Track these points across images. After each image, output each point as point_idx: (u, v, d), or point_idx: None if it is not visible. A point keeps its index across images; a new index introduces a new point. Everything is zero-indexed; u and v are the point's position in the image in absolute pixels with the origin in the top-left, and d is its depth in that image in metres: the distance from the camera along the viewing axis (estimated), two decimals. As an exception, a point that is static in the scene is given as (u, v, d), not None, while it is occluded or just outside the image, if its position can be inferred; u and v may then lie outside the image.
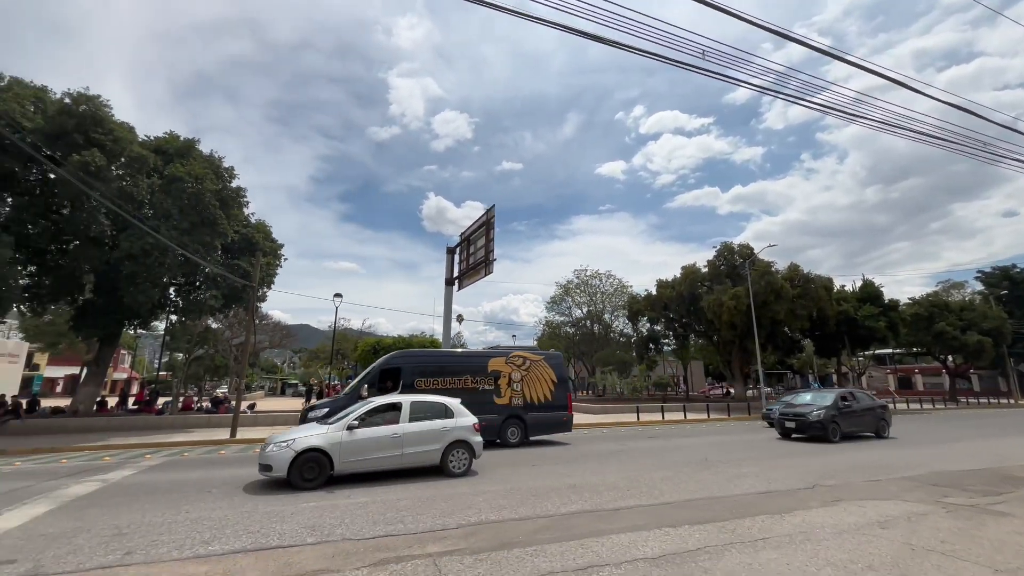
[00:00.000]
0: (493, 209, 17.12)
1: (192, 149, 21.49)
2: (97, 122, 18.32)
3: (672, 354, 44.79)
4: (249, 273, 20.15)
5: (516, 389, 13.73)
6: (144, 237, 17.52)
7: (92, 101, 18.50)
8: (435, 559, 4.56)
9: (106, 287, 19.21)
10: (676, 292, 34.30)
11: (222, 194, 20.31)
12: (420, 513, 6.22)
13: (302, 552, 4.79)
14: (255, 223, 23.26)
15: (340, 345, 43.26)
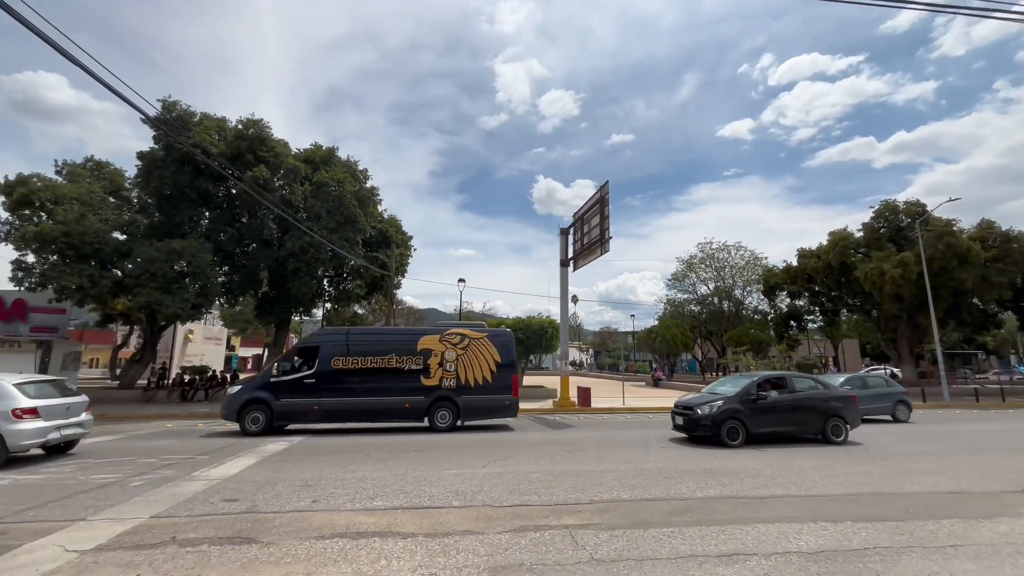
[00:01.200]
0: (607, 186, 16.63)
1: (333, 156, 24.32)
2: (262, 142, 21.61)
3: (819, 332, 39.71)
4: (386, 264, 22.42)
5: (449, 369, 12.64)
6: (302, 237, 20.38)
7: (257, 125, 21.83)
8: (571, 531, 4.71)
9: (277, 281, 22.85)
10: (822, 262, 30.13)
11: (359, 194, 22.70)
12: (552, 487, 6.45)
13: (449, 513, 5.28)
14: (388, 218, 25.68)
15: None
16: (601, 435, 11.66)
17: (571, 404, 17.90)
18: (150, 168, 20.55)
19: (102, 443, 10.05)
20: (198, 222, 22.57)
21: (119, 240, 20.00)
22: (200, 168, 20.66)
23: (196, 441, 10.43)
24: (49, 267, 17.83)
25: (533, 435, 11.51)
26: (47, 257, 17.96)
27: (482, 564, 3.93)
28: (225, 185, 22.30)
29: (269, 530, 4.71)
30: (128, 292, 19.07)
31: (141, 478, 6.85)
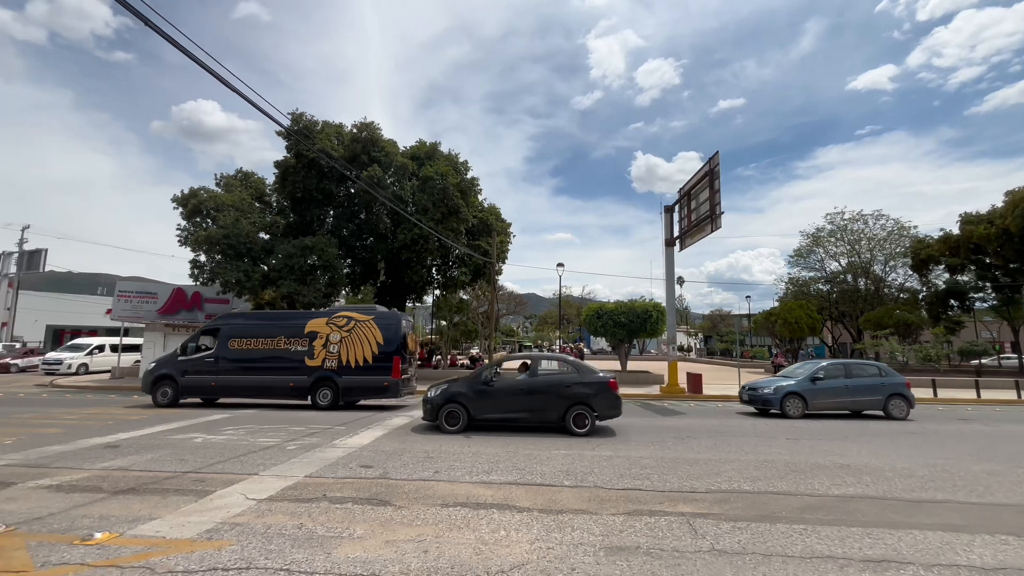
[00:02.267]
0: (717, 156, 15.38)
1: (436, 151, 25.56)
2: (374, 143, 23.41)
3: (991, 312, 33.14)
4: (488, 251, 23.21)
5: (332, 351, 13.02)
6: (412, 229, 21.84)
7: (369, 127, 23.68)
8: (688, 519, 4.56)
9: (392, 271, 24.83)
10: (996, 228, 24.98)
11: (461, 186, 23.65)
12: (665, 473, 6.28)
13: (562, 492, 5.41)
14: (488, 207, 26.47)
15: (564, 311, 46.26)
16: (716, 423, 11.03)
17: (680, 390, 17.12)
18: (285, 174, 23.39)
19: (261, 413, 11.86)
20: (324, 220, 25.27)
21: (264, 239, 23.15)
22: (324, 171, 23.04)
23: (332, 413, 11.85)
24: (216, 265, 21.28)
25: (640, 421, 11.25)
26: (214, 256, 21.43)
27: (597, 543, 3.98)
28: (345, 185, 24.62)
29: (400, 495, 5.23)
30: (273, 284, 22.05)
31: (294, 443, 7.98)
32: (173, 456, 6.97)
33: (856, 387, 12.48)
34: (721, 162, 15.35)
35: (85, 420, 10.39)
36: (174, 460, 6.72)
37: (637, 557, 3.72)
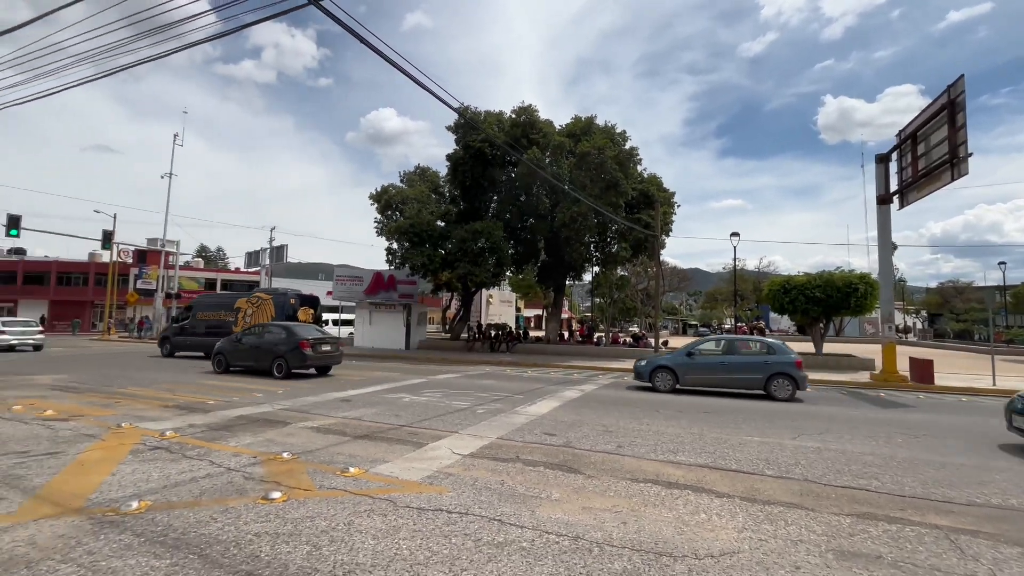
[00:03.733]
0: (961, 82, 11.91)
1: (592, 125, 25.06)
2: (532, 125, 23.97)
3: None
4: (650, 224, 22.12)
5: (247, 321, 18.31)
6: (571, 207, 21.93)
7: (527, 111, 24.29)
8: (947, 533, 3.71)
9: (552, 250, 25.40)
10: None
11: (619, 157, 22.81)
12: (898, 474, 5.23)
13: (764, 481, 4.90)
14: (648, 177, 25.11)
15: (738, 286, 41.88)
16: (964, 421, 8.82)
17: (899, 378, 14.10)
18: (455, 166, 25.54)
19: (452, 378, 13.38)
20: (489, 205, 27.02)
21: (441, 226, 25.79)
22: (488, 159, 24.52)
23: (510, 383, 12.74)
24: (404, 251, 24.51)
25: (851, 411, 9.59)
26: (403, 244, 24.70)
27: (822, 544, 3.50)
28: (506, 171, 25.88)
29: (587, 464, 5.35)
30: (450, 266, 24.52)
31: (482, 407, 8.80)
32: (389, 412, 8.30)
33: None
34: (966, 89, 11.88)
35: (323, 378, 13.03)
36: (391, 415, 7.99)
37: (880, 569, 3.16)
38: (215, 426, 6.94)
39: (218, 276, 51.19)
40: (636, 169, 24.89)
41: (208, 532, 3.46)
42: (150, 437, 6.17)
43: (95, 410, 7.97)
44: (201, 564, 3.02)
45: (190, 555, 3.13)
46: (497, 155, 24.45)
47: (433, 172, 29.49)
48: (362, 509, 3.95)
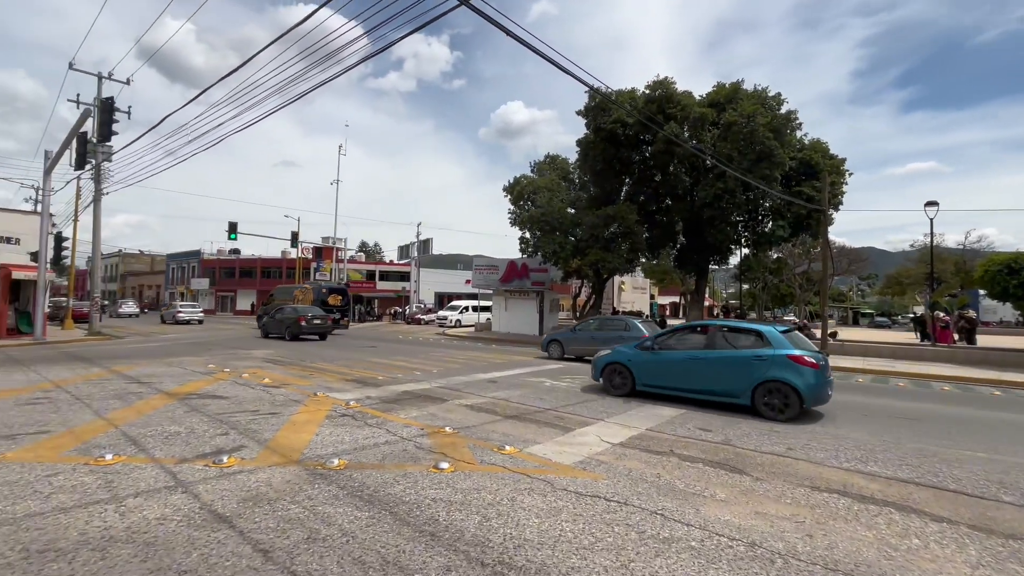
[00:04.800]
0: None
1: (738, 91, 22.54)
2: (669, 99, 22.42)
3: None
4: (814, 197, 19.22)
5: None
6: (714, 184, 20.11)
7: (663, 84, 22.78)
8: None
9: (693, 232, 23.64)
10: None
11: (773, 124, 20.19)
12: None
13: (1003, 510, 3.92)
14: (810, 144, 21.82)
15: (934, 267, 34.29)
16: None
17: None
18: (585, 151, 25.14)
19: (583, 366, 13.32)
20: (621, 189, 26.11)
21: (571, 214, 25.72)
22: (620, 141, 23.63)
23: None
24: (537, 240, 25.01)
25: None
26: (535, 232, 25.22)
27: (1111, 601, 2.67)
28: (639, 151, 24.69)
29: (754, 466, 4.86)
30: (581, 253, 24.36)
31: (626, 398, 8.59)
32: (534, 395, 8.56)
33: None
34: None
35: (471, 361, 14.00)
36: (535, 398, 8.23)
37: None
38: (386, 399, 7.89)
39: (376, 268, 58.20)
40: (794, 136, 21.80)
41: (393, 492, 3.93)
42: (339, 405, 7.25)
43: (297, 380, 9.65)
44: (392, 520, 3.44)
45: (382, 511, 3.58)
46: (630, 135, 23.42)
47: (563, 159, 29.48)
48: (522, 487, 4.12)
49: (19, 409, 6.61)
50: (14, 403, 6.99)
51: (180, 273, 60.44)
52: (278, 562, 2.84)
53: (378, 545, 3.07)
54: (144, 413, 6.48)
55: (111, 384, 8.72)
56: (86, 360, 12.48)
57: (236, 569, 2.75)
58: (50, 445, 5.00)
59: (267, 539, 3.11)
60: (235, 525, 3.29)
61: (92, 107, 18.88)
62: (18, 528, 3.17)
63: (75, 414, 6.39)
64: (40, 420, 6.03)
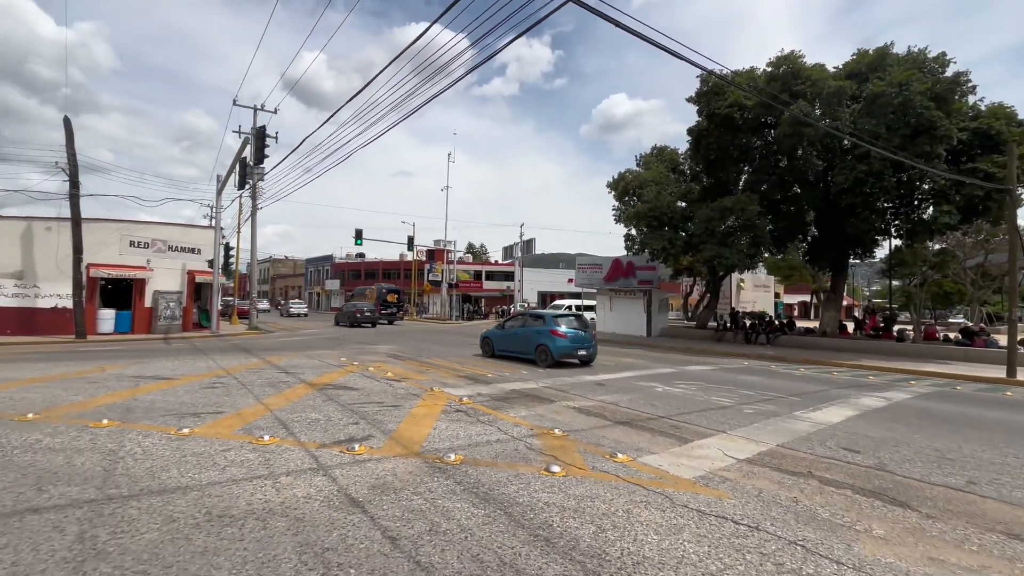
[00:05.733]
0: None
1: (885, 56, 19.43)
2: (795, 75, 20.06)
3: None
4: (993, 175, 15.78)
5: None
6: (855, 167, 17.53)
7: (788, 59, 20.44)
8: None
9: (828, 222, 20.88)
10: None
11: (935, 91, 17.01)
12: None
13: None
14: (988, 110, 17.98)
15: None
16: None
17: None
18: (698, 139, 23.49)
19: (705, 371, 12.43)
20: (739, 178, 23.97)
21: (682, 207, 24.22)
22: (738, 126, 21.68)
23: (778, 381, 11.03)
24: (643, 236, 23.98)
25: None
26: (642, 229, 24.21)
27: None
28: (760, 136, 22.43)
29: (921, 500, 4.09)
30: (693, 249, 22.83)
31: (749, 407, 7.82)
32: (644, 400, 8.18)
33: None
34: None
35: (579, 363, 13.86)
36: (646, 404, 7.86)
37: None
38: (496, 397, 8.11)
39: (483, 268, 60.51)
40: (964, 102, 18.17)
41: (507, 492, 3.98)
42: (453, 401, 7.61)
43: (415, 375, 10.36)
44: (507, 520, 3.48)
45: (497, 510, 3.65)
46: (748, 119, 21.39)
47: (671, 150, 27.90)
48: (637, 499, 3.92)
49: (202, 392, 7.97)
50: (199, 386, 8.45)
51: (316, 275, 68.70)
52: (404, 551, 3.02)
53: (495, 545, 3.12)
54: (291, 400, 7.42)
55: (266, 373, 10.14)
56: (247, 351, 14.69)
57: (369, 553, 2.98)
58: (224, 424, 5.93)
59: (394, 527, 3.33)
60: (367, 511, 3.58)
61: (249, 136, 22.20)
62: (203, 494, 3.79)
63: (240, 398, 7.52)
64: (216, 402, 7.20)
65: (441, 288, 42.81)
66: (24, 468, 4.28)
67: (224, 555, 2.90)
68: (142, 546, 2.99)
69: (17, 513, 3.40)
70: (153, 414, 6.33)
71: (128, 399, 7.23)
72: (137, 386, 8.31)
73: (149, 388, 8.15)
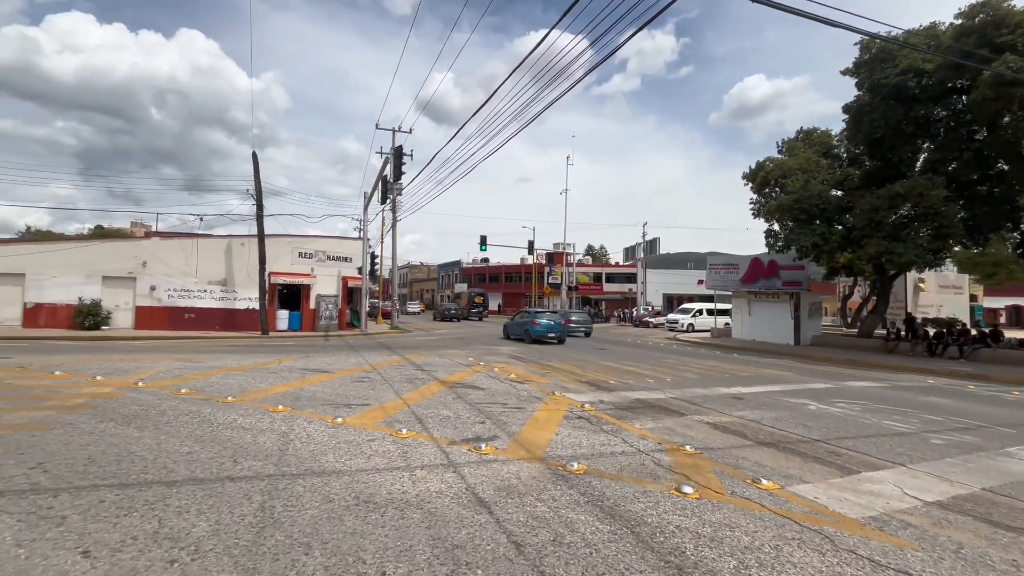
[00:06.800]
0: None
1: None
2: (997, 24, 16.18)
3: None
4: None
5: (461, 303, 48.81)
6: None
7: (988, 5, 16.59)
8: None
9: (1051, 205, 16.38)
10: None
11: None
12: None
13: None
14: None
15: None
16: None
17: None
18: (857, 117, 20.15)
19: (872, 388, 10.56)
20: (915, 157, 20.01)
21: (837, 196, 20.95)
22: (912, 96, 18.12)
23: (980, 406, 8.90)
24: (789, 232, 21.28)
25: None
26: (786, 223, 21.50)
27: None
28: (946, 104, 18.47)
29: None
30: (854, 245, 19.60)
31: (937, 436, 6.40)
32: (793, 419, 7.19)
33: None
34: None
35: (709, 371, 12.80)
36: (797, 424, 6.89)
37: None
38: (619, 405, 7.81)
39: (602, 271, 59.40)
40: None
41: (634, 510, 3.77)
42: (574, 407, 7.52)
43: (537, 377, 10.49)
44: (634, 540, 3.29)
45: (623, 528, 3.46)
46: (928, 85, 17.78)
47: (822, 132, 24.39)
48: (788, 535, 3.42)
49: (353, 385, 9.02)
50: (350, 380, 9.58)
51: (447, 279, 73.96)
52: (529, 558, 3.02)
53: (621, 565, 2.96)
54: (426, 396, 8.01)
55: (404, 370, 11.13)
56: (389, 348, 16.32)
57: (495, 556, 3.04)
58: (369, 416, 6.62)
59: (519, 532, 3.36)
60: (493, 512, 3.66)
61: (388, 155, 24.73)
62: (353, 480, 4.25)
63: (383, 392, 8.34)
64: (363, 395, 8.08)
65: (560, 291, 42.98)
66: (224, 442, 5.24)
67: (369, 539, 3.20)
68: (306, 520, 3.43)
69: (220, 480, 4.16)
70: (315, 403, 7.33)
71: (296, 389, 8.48)
72: (303, 377, 9.71)
73: (312, 380, 9.47)
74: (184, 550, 2.98)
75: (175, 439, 5.28)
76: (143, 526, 3.28)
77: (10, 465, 4.33)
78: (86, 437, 5.23)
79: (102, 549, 2.96)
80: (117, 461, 4.53)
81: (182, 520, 3.38)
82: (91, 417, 6.07)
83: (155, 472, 4.29)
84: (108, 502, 3.63)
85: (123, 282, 21.76)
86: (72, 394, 7.44)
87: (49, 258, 21.10)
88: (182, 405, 6.91)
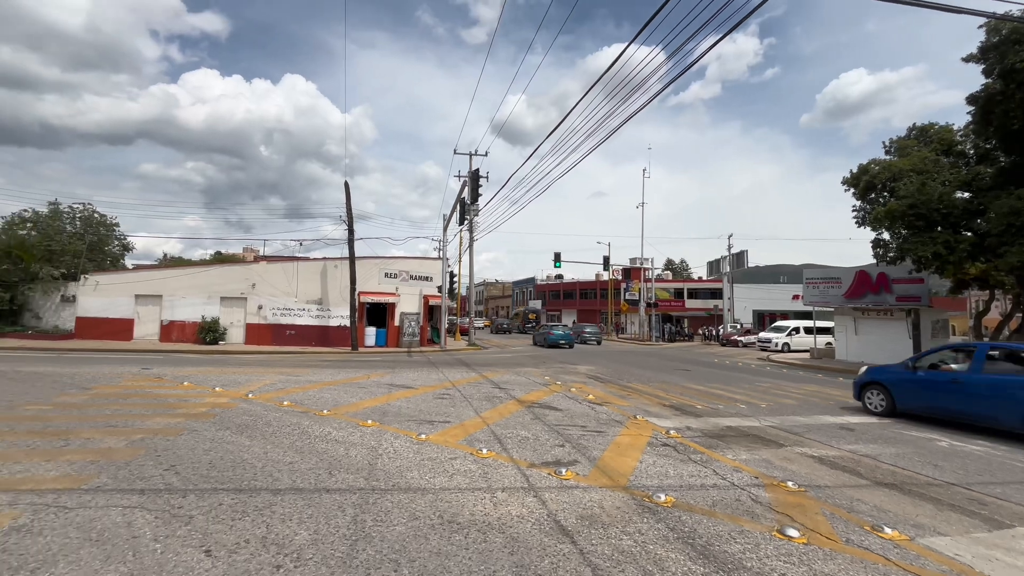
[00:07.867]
0: None
1: None
2: None
3: None
4: None
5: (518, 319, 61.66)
6: None
7: None
8: None
9: None
10: None
11: None
12: None
13: None
14: None
15: None
16: None
17: None
18: (987, 107, 17.60)
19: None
20: (1068, 149, 17.02)
21: (963, 199, 18.34)
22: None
23: None
24: (902, 241, 18.94)
25: None
26: (899, 232, 19.18)
27: None
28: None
29: None
30: (988, 253, 16.99)
31: (1120, 487, 5.24)
32: (919, 457, 6.26)
33: None
34: None
35: (809, 396, 11.63)
36: (924, 464, 5.99)
37: None
38: (709, 433, 7.30)
39: (684, 286, 56.69)
40: None
41: (731, 551, 3.46)
42: (659, 433, 7.15)
43: (616, 399, 10.15)
44: (733, 587, 3.01)
45: (719, 571, 3.19)
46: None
47: (941, 128, 21.60)
48: (924, 598, 2.95)
49: (434, 401, 9.31)
50: (432, 396, 9.91)
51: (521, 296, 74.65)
52: (616, 597, 2.87)
53: (719, 615, 2.71)
54: (504, 416, 8.05)
55: (482, 388, 11.31)
56: (467, 365, 16.71)
57: (580, 590, 2.92)
58: (450, 433, 6.77)
59: (604, 566, 3.21)
60: (576, 542, 3.55)
61: (466, 178, 25.70)
62: (437, 498, 4.34)
63: (463, 410, 8.51)
64: (444, 412, 8.30)
65: (639, 307, 41.58)
66: (321, 454, 5.61)
67: (453, 560, 3.23)
68: (394, 536, 3.55)
69: (317, 491, 4.45)
70: (401, 419, 7.65)
71: (384, 404, 8.92)
72: (390, 392, 10.21)
73: (397, 395, 9.91)
74: (288, 556, 3.20)
75: (279, 449, 5.76)
76: (254, 530, 3.58)
77: (149, 466, 4.97)
78: (208, 443, 5.88)
79: (221, 549, 3.27)
80: (232, 467, 5.03)
81: (286, 527, 3.65)
82: (211, 425, 6.82)
83: (263, 479, 4.70)
84: (226, 505, 4.03)
85: (236, 302, 24.49)
86: (197, 403, 8.42)
87: (179, 281, 24.38)
88: (285, 417, 7.54)
